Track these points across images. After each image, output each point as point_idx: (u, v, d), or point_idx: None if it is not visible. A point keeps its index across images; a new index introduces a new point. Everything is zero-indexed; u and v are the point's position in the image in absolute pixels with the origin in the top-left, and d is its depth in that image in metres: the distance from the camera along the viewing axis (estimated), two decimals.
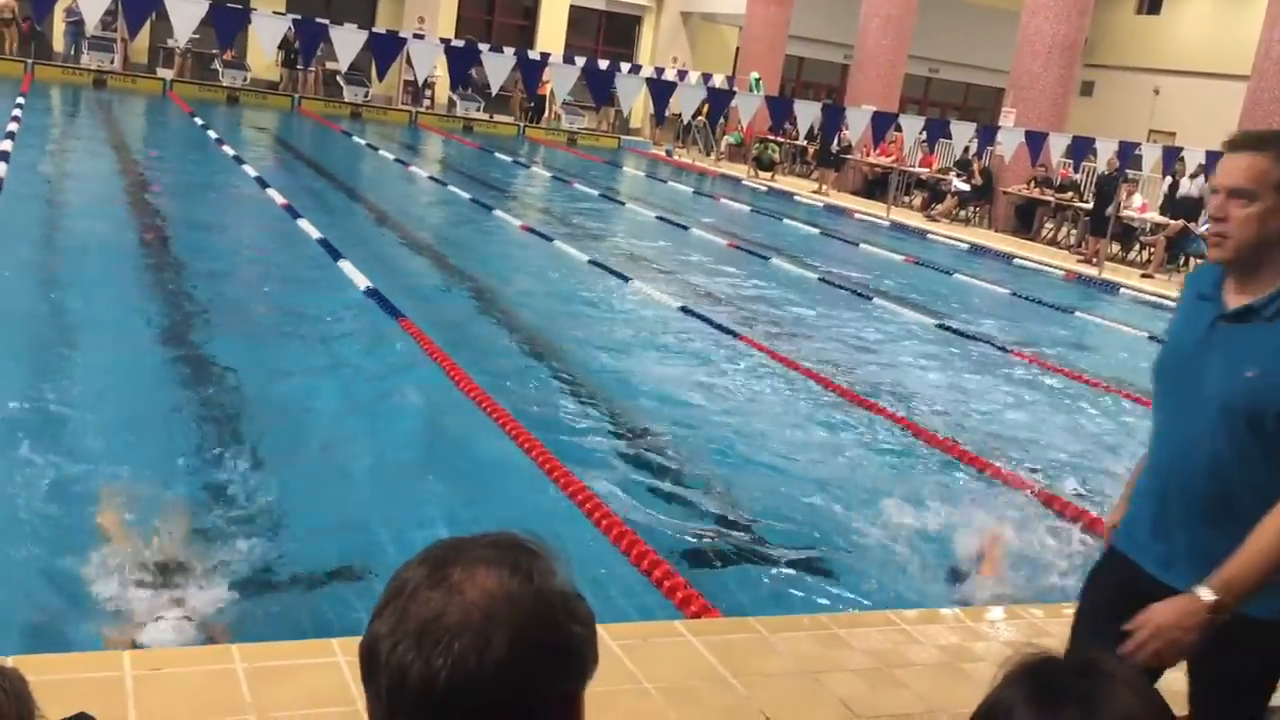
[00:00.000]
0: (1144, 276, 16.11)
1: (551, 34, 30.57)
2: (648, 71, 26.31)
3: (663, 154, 26.19)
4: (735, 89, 23.76)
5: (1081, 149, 18.17)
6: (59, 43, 24.28)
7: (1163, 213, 17.46)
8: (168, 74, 24.09)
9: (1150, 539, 2.56)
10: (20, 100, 17.13)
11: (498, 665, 1.01)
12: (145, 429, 5.52)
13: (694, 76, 27.19)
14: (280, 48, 21.39)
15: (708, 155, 26.56)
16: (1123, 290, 15.09)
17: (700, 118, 24.84)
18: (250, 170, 14.55)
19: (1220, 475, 2.40)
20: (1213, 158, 18.10)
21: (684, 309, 9.75)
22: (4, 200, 9.73)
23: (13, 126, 14.13)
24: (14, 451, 4.97)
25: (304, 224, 11.10)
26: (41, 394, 5.77)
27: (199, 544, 4.31)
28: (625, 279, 10.79)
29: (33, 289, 7.86)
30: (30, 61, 22.41)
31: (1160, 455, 2.55)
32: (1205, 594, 2.26)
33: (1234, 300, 2.44)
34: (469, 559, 1.07)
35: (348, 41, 13.81)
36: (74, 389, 5.94)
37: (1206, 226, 12.32)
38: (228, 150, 16.17)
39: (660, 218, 16.03)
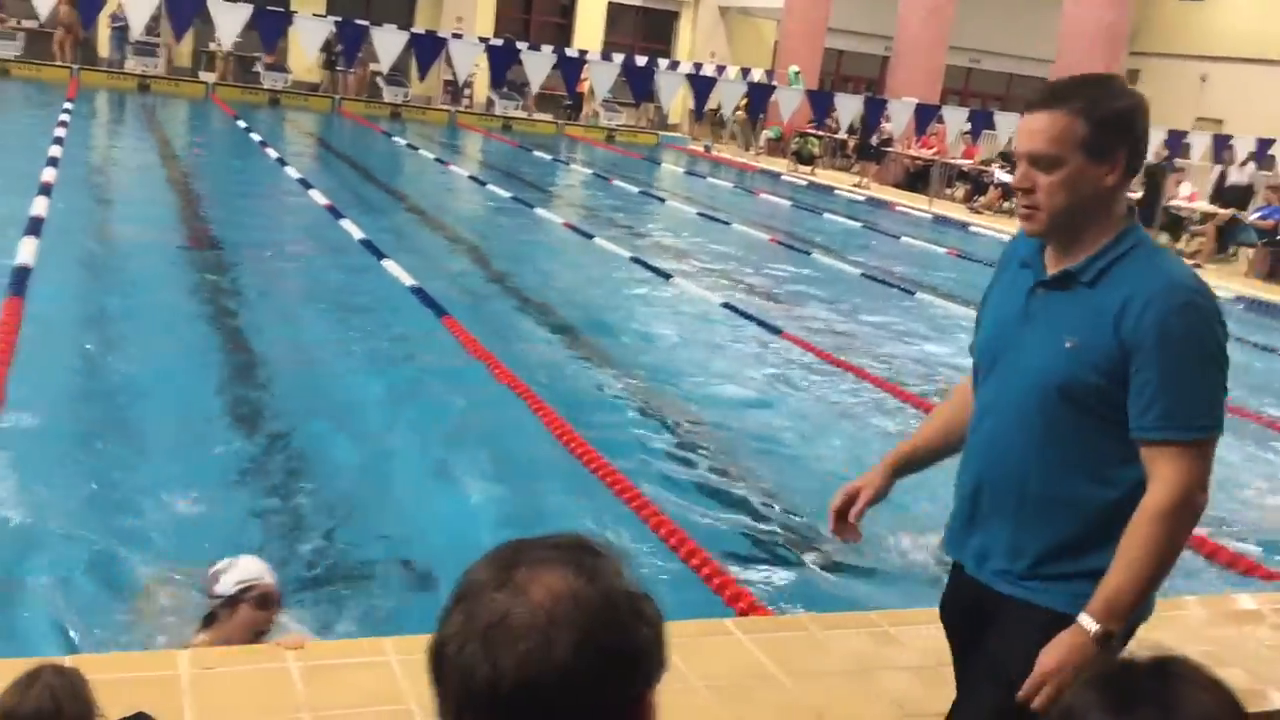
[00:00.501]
0: (1194, 266, 15.84)
1: (589, 30, 30.59)
2: (686, 67, 26.27)
3: (701, 149, 26.13)
4: (774, 83, 23.66)
5: None
6: (104, 48, 24.62)
7: (1212, 201, 17.19)
8: (210, 77, 24.36)
9: (965, 533, 2.38)
10: (68, 106, 17.38)
11: (563, 667, 1.01)
12: (192, 428, 5.58)
13: (733, 71, 27.11)
14: (321, 50, 21.57)
15: (747, 150, 26.46)
16: None
17: (739, 112, 24.77)
18: (293, 172, 14.67)
19: (1039, 460, 2.21)
20: (1263, 145, 17.82)
21: (726, 305, 9.72)
22: (54, 204, 9.87)
23: (60, 132, 14.34)
24: (72, 454, 5.05)
25: (347, 224, 11.17)
26: (91, 395, 5.84)
27: (249, 543, 4.34)
28: (667, 276, 10.77)
29: (83, 291, 7.97)
30: (76, 67, 22.75)
31: (976, 439, 2.33)
32: (1089, 624, 2.10)
33: (1055, 266, 2.23)
34: (534, 560, 1.07)
35: (389, 42, 13.91)
36: (122, 390, 6.02)
37: (1257, 214, 12.13)
38: (270, 153, 16.32)
39: (701, 213, 15.99)
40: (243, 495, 4.90)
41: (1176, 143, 17.30)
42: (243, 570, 3.48)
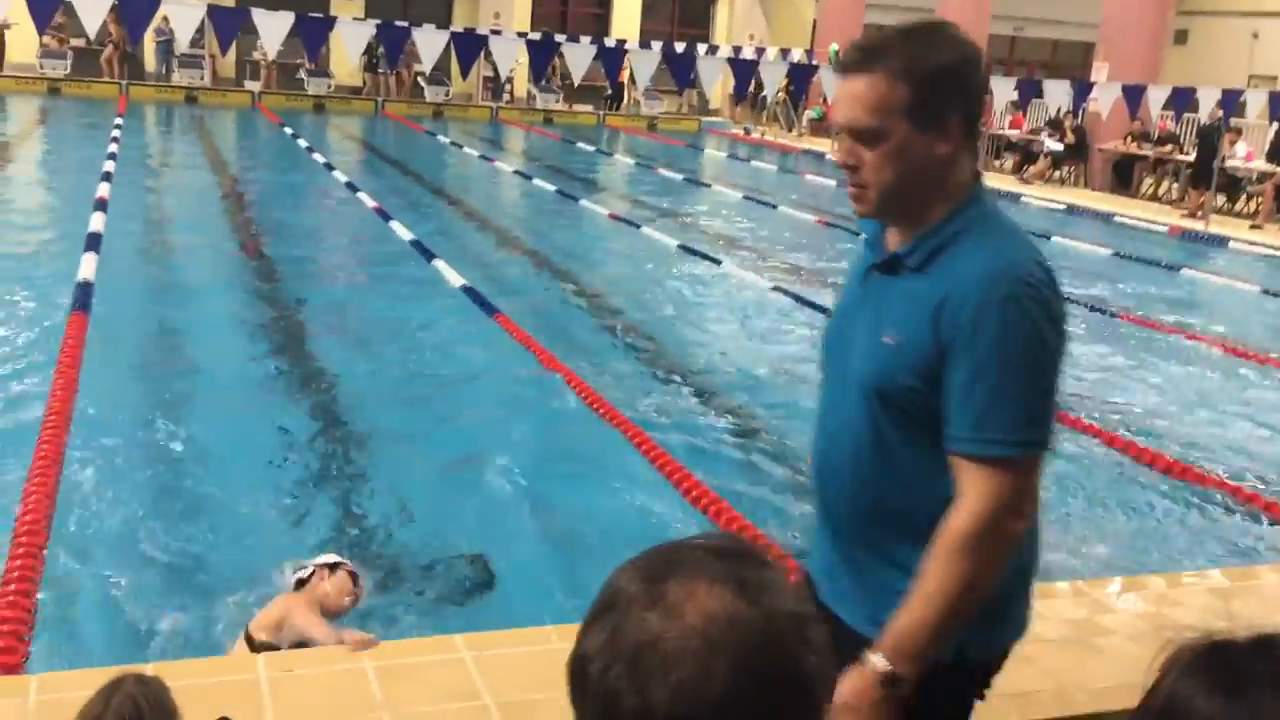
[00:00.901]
0: (1253, 227, 15.54)
1: (626, 19, 30.53)
2: (725, 51, 26.15)
3: (741, 132, 26.01)
4: (816, 63, 23.47)
5: (1182, 100, 17.57)
6: (150, 62, 25.01)
7: (1270, 160, 16.81)
8: (255, 86, 24.66)
9: (815, 554, 2.11)
10: (118, 121, 17.68)
11: (720, 701, 0.92)
12: (254, 434, 5.66)
13: (772, 53, 26.94)
14: (363, 53, 21.74)
15: (790, 132, 26.30)
16: (1232, 243, 14.57)
17: (781, 94, 24.60)
18: (340, 176, 14.82)
19: (866, 471, 1.91)
20: None
21: (777, 288, 9.68)
22: (110, 218, 10.06)
23: (113, 147, 14.60)
24: (139, 464, 5.15)
25: (395, 225, 11.27)
26: (155, 405, 5.95)
27: (313, 545, 4.41)
28: (716, 261, 10.75)
29: (144, 303, 8.11)
30: (124, 83, 23.14)
31: (815, 448, 2.07)
32: (877, 662, 1.80)
33: (892, 247, 1.94)
34: (689, 573, 0.97)
35: (430, 42, 13.98)
36: (184, 399, 6.12)
37: None
38: (318, 158, 16.49)
39: (747, 197, 15.92)
40: (306, 499, 4.97)
41: (1231, 102, 16.91)
42: (327, 559, 3.77)
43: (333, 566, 3.71)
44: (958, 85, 1.84)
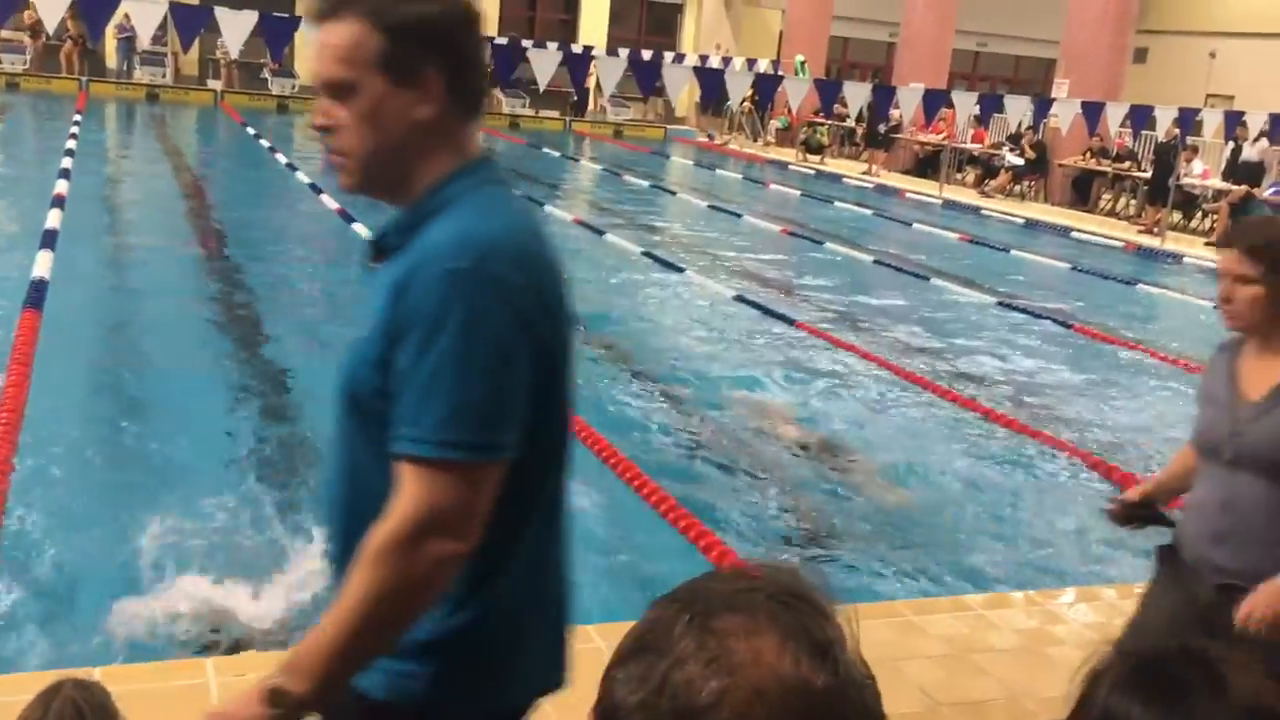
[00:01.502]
0: (1208, 244, 15.77)
1: (593, 26, 30.55)
2: (692, 60, 26.22)
3: (705, 139, 26.09)
4: (781, 73, 23.60)
5: (1140, 117, 17.84)
6: (111, 59, 24.72)
7: (1225, 178, 17.08)
8: (218, 85, 24.44)
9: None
10: (77, 118, 17.45)
11: None
12: (210, 433, 5.60)
13: (739, 62, 27.05)
14: None
15: (755, 141, 26.41)
16: (1186, 259, 14.79)
17: (746, 103, 24.72)
18: (303, 177, 14.70)
19: (345, 489, 1.68)
20: (1275, 121, 17.71)
21: (739, 297, 9.71)
22: (67, 216, 9.92)
23: (71, 144, 14.41)
24: (91, 465, 5.08)
25: (358, 227, 11.18)
26: (110, 405, 5.88)
27: (269, 545, 4.37)
28: (679, 269, 10.77)
29: (99, 301, 8.01)
30: (85, 79, 22.85)
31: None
32: (274, 679, 1.53)
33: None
34: (751, 625, 0.82)
35: None
36: (141, 398, 6.05)
37: (1271, 190, 12.05)
38: (280, 158, 16.36)
39: (712, 206, 15.97)
40: (263, 496, 4.92)
41: (1188, 120, 17.18)
42: None
43: None
44: (435, 39, 1.62)
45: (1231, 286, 2.57)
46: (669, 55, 27.10)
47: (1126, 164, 18.49)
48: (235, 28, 12.75)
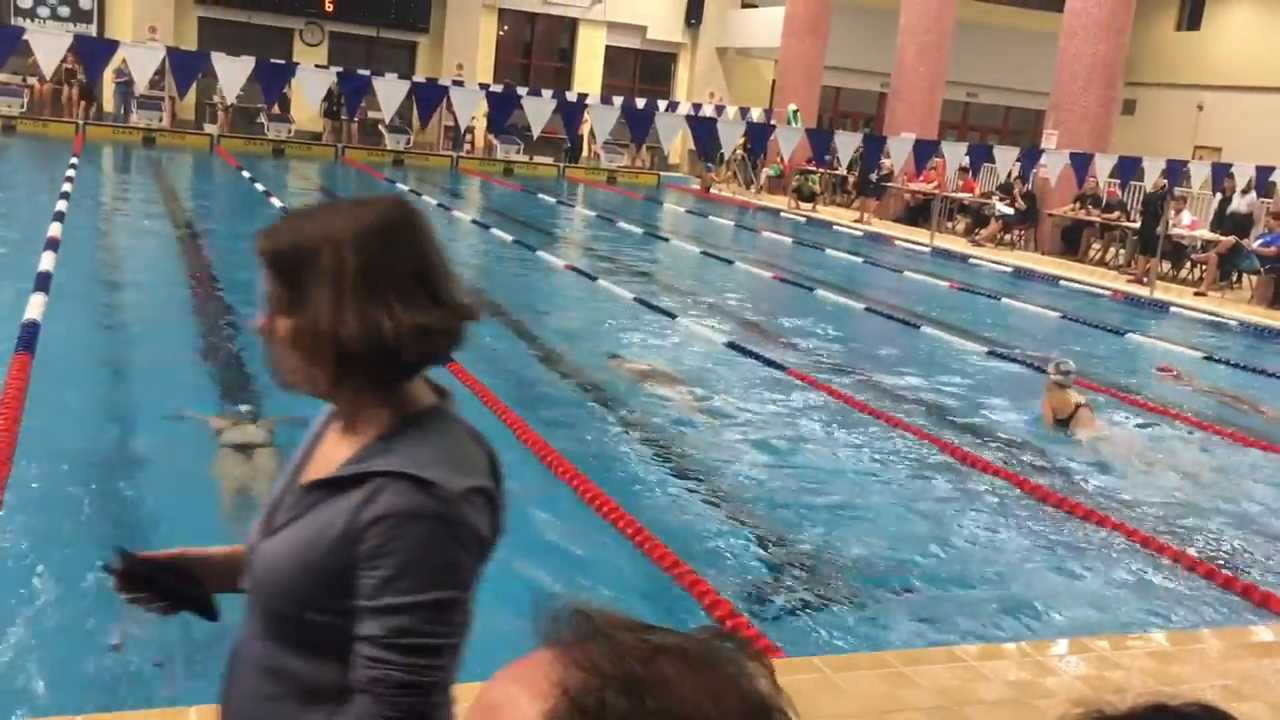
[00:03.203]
0: (1197, 294, 15.88)
1: (588, 74, 30.87)
2: (685, 108, 26.48)
3: (697, 187, 26.29)
4: (773, 122, 23.82)
5: (1128, 169, 18.01)
6: (109, 103, 24.88)
7: (1213, 229, 17.23)
8: (214, 129, 24.59)
9: None
10: (73, 160, 17.53)
11: None
12: (202, 481, 5.59)
13: (731, 111, 27.32)
14: (324, 99, 21.78)
15: (748, 189, 26.61)
16: (1174, 309, 14.88)
17: (739, 151, 24.93)
18: None
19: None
20: (1262, 173, 17.90)
21: (730, 344, 9.74)
22: (61, 259, 9.94)
23: (67, 187, 14.46)
24: (80, 509, 5.05)
25: None
26: (100, 449, 5.86)
27: None
28: (671, 315, 10.80)
29: (92, 345, 8.00)
30: (82, 122, 22.98)
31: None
32: None
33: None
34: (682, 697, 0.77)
35: (391, 92, 14.03)
36: (131, 442, 6.03)
37: (1260, 241, 12.14)
38: (275, 202, 16.42)
39: (704, 252, 16.05)
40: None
41: (1176, 171, 17.35)
42: None
43: None
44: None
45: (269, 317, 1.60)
46: (663, 104, 27.36)
47: (1115, 214, 18.65)
48: (232, 73, 12.86)
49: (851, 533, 5.72)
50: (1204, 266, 16.65)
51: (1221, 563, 5.76)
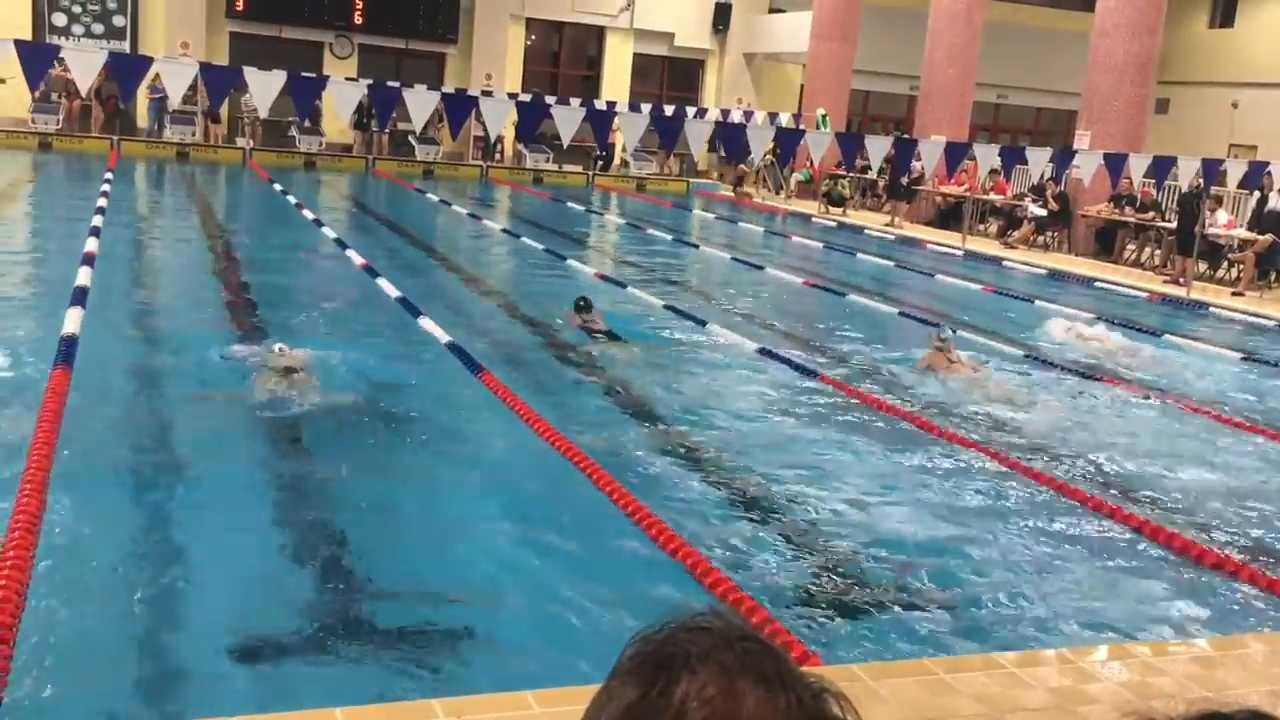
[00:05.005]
0: (1234, 294, 15.68)
1: (616, 82, 30.91)
2: (714, 114, 26.45)
3: (732, 194, 26.26)
4: (802, 126, 23.75)
5: (1163, 168, 17.79)
6: (143, 118, 25.17)
7: (1250, 228, 17.00)
8: (246, 143, 24.83)
9: None
10: (108, 176, 17.73)
11: None
12: (238, 492, 5.62)
13: (760, 116, 27.26)
14: (354, 112, 21.93)
15: (777, 194, 26.55)
16: (1212, 309, 14.69)
17: (768, 156, 24.90)
18: (330, 232, 14.87)
19: None
20: None
21: (762, 350, 9.70)
22: (97, 273, 10.05)
23: (102, 202, 14.64)
24: (118, 519, 5.09)
25: (383, 283, 11.29)
26: (137, 461, 5.90)
27: (289, 606, 4.36)
28: (702, 323, 10.78)
29: (126, 357, 8.07)
30: (116, 138, 23.26)
31: None
32: None
33: None
34: (697, 669, 0.81)
35: (421, 103, 14.08)
36: (167, 455, 6.08)
37: None
38: (307, 214, 16.55)
39: (734, 259, 16.02)
40: (286, 557, 4.91)
41: (1211, 170, 17.13)
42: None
43: None
44: None
45: None
46: (691, 110, 27.36)
47: (1151, 214, 18.45)
48: (264, 88, 12.97)
49: (888, 539, 5.67)
50: (1241, 266, 16.43)
51: (1263, 564, 5.66)
